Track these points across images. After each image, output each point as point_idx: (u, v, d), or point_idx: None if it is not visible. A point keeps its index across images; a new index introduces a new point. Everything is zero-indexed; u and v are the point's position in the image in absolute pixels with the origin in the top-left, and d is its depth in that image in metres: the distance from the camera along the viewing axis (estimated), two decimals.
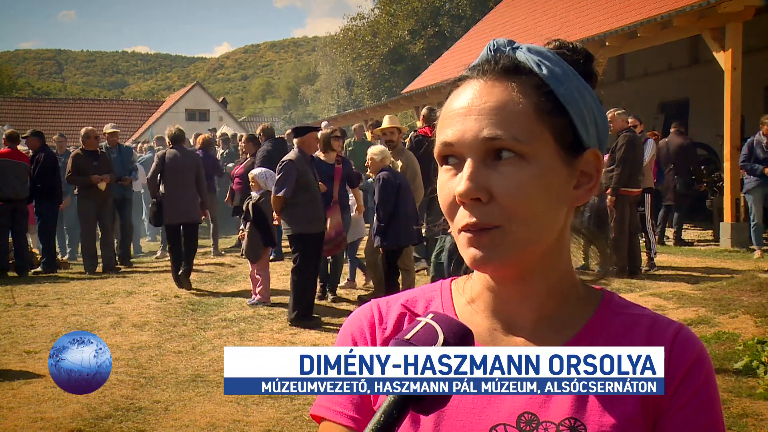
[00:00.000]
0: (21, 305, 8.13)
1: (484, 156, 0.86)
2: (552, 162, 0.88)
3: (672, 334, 0.90)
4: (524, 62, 0.90)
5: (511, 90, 0.88)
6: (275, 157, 10.12)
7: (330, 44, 43.80)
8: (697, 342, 0.91)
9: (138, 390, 5.23)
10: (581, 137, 0.91)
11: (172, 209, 8.70)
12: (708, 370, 0.90)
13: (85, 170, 10.10)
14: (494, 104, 0.87)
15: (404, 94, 19.57)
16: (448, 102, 0.92)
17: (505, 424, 0.88)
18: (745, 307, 6.73)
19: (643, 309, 0.96)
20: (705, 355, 0.91)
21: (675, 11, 10.66)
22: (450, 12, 33.54)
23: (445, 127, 0.90)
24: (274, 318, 7.42)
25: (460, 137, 0.87)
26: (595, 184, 0.93)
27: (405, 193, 6.91)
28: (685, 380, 0.88)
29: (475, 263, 0.88)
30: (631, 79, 17.40)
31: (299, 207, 6.96)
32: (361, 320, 0.99)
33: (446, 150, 0.89)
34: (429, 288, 1.03)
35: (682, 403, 0.87)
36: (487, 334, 0.94)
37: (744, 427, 4.29)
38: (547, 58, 0.91)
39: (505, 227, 0.86)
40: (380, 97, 32.67)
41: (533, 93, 0.88)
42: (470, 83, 0.91)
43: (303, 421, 4.58)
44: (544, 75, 0.89)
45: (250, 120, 51.84)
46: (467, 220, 0.86)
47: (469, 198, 0.86)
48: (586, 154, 0.92)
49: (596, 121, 0.93)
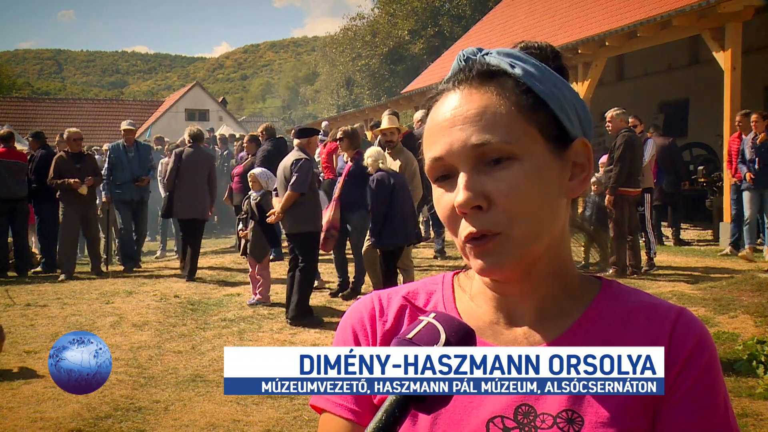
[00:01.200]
0: (21, 305, 8.13)
1: (476, 163, 0.86)
2: (543, 157, 0.88)
3: (672, 320, 0.90)
4: (497, 65, 0.91)
5: (491, 94, 0.88)
6: (275, 157, 10.11)
7: (330, 44, 43.80)
8: (697, 326, 0.91)
9: (138, 390, 5.23)
10: (566, 128, 0.91)
11: (183, 204, 9.29)
12: (710, 355, 0.89)
13: (67, 173, 9.69)
14: (476, 111, 0.88)
15: (404, 94, 19.59)
16: (429, 118, 0.93)
17: (503, 416, 0.88)
18: (745, 307, 6.74)
19: (643, 294, 0.96)
20: (706, 339, 0.90)
21: (675, 11, 10.66)
22: (450, 12, 33.55)
23: (432, 143, 0.90)
24: (274, 318, 7.42)
25: (449, 149, 0.88)
26: (588, 173, 0.94)
27: (400, 194, 6.94)
28: (685, 366, 0.88)
29: (484, 272, 0.88)
30: (631, 79, 17.41)
31: (308, 206, 7.13)
32: (362, 312, 1.00)
33: (437, 165, 0.90)
34: (430, 281, 1.03)
35: (683, 390, 0.87)
36: (488, 327, 0.95)
37: (744, 427, 4.29)
38: (518, 58, 0.92)
39: (507, 232, 0.86)
40: (380, 97, 32.68)
41: (512, 93, 0.89)
42: (448, 96, 0.91)
43: (303, 421, 4.58)
44: (518, 74, 0.90)
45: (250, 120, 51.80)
46: (470, 230, 0.86)
47: (469, 207, 0.86)
48: (575, 144, 0.92)
49: (577, 111, 0.93)
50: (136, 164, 10.48)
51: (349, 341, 0.98)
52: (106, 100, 49.65)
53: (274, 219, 7.26)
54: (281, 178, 7.26)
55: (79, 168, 9.73)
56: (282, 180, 7.24)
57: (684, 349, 0.88)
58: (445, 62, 19.20)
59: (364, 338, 0.98)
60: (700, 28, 10.68)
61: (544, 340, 0.92)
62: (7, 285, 9.37)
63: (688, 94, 15.58)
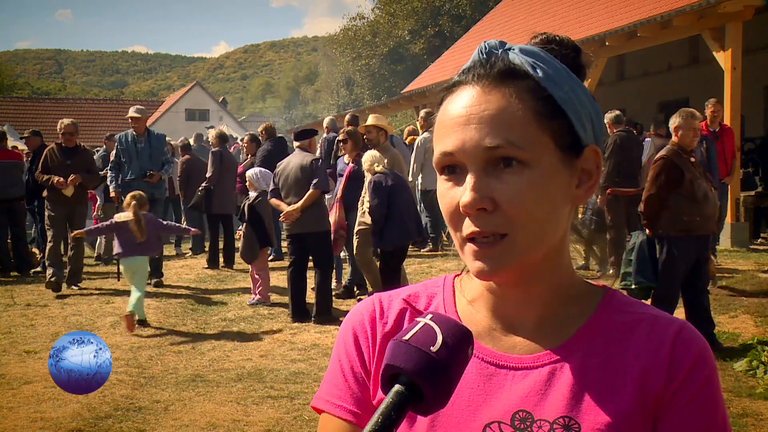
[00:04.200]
0: (21, 305, 8.13)
1: (486, 165, 0.86)
2: (553, 166, 0.88)
3: (673, 333, 0.90)
4: (519, 65, 0.89)
5: (509, 96, 0.87)
6: (276, 157, 10.10)
7: (330, 44, 43.80)
8: (698, 341, 0.90)
9: (138, 390, 5.23)
10: (580, 137, 0.91)
11: (220, 200, 10.22)
12: (710, 371, 0.89)
13: (54, 169, 8.58)
14: (493, 112, 0.87)
15: (404, 94, 19.56)
16: (444, 109, 0.91)
17: (500, 421, 0.88)
18: (745, 307, 6.74)
19: (645, 306, 0.95)
20: (707, 355, 0.90)
21: (675, 11, 10.66)
22: (450, 12, 33.54)
23: (444, 137, 0.89)
24: (274, 318, 7.42)
25: (461, 146, 0.87)
26: (595, 181, 0.93)
27: (399, 193, 6.98)
28: (686, 380, 0.87)
29: (482, 275, 0.88)
30: (631, 79, 17.41)
31: (322, 206, 7.28)
32: (362, 314, 1.00)
33: (446, 159, 0.89)
34: (432, 283, 1.03)
35: (682, 403, 0.87)
36: (486, 333, 0.94)
37: (744, 427, 4.29)
38: (541, 59, 0.90)
39: (510, 235, 0.86)
40: (380, 96, 32.66)
41: (530, 97, 0.88)
42: (465, 89, 0.90)
43: (303, 421, 4.58)
44: (540, 78, 0.89)
45: (250, 120, 51.83)
46: (472, 228, 0.86)
47: (474, 209, 0.85)
48: (586, 151, 0.92)
49: (591, 117, 0.92)
50: (146, 157, 8.93)
51: (349, 343, 0.98)
52: (106, 100, 49.63)
53: (291, 218, 7.06)
54: (296, 178, 7.15)
55: (69, 164, 8.57)
56: (298, 180, 7.12)
57: (684, 364, 0.88)
58: (445, 62, 19.19)
59: (364, 340, 0.98)
60: (700, 28, 10.68)
61: (544, 348, 0.92)
62: (7, 285, 9.38)
63: (688, 94, 15.56)
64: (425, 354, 0.74)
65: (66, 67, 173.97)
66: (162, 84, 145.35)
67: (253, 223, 7.76)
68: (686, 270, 5.67)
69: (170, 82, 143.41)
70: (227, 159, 10.52)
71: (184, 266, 10.94)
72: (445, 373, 0.74)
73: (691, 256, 5.66)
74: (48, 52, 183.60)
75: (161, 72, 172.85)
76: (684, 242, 5.62)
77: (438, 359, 0.74)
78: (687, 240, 5.62)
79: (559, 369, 0.89)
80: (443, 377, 0.74)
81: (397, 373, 0.74)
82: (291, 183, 7.19)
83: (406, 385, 0.73)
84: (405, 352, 0.74)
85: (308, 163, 7.14)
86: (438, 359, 0.74)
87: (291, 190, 7.17)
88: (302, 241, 7.18)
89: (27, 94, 56.06)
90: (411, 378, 0.73)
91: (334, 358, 1.00)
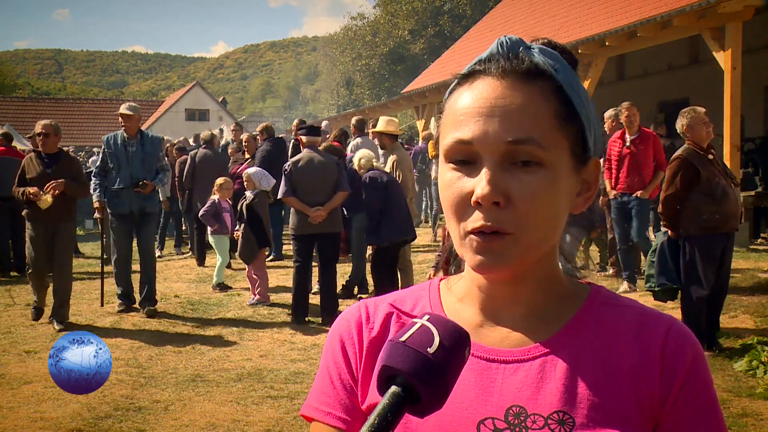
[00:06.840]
0: (21, 305, 8.14)
1: (503, 159, 0.85)
2: (566, 170, 0.88)
3: (664, 329, 0.90)
4: (544, 66, 0.89)
5: (535, 94, 0.87)
6: (275, 157, 10.08)
7: (330, 44, 43.80)
8: (690, 337, 0.91)
9: (138, 390, 5.23)
10: (588, 146, 0.91)
11: (201, 200, 9.99)
12: (705, 367, 0.90)
13: (32, 180, 7.00)
14: (519, 106, 0.85)
15: (404, 94, 19.56)
16: (459, 96, 0.90)
17: (494, 417, 0.88)
18: (745, 307, 6.74)
19: (631, 301, 0.96)
20: (700, 351, 0.90)
21: (675, 11, 10.65)
22: (450, 12, 33.55)
23: (461, 124, 0.87)
24: (274, 317, 7.42)
25: (482, 137, 0.85)
26: (593, 193, 0.94)
27: (393, 191, 7.01)
28: (687, 381, 0.87)
29: (481, 268, 0.87)
30: (631, 79, 17.41)
31: (337, 207, 7.26)
32: (349, 321, 1.00)
33: (461, 148, 0.87)
34: (418, 288, 1.03)
35: (686, 404, 0.87)
36: (474, 329, 0.94)
37: (744, 427, 4.29)
38: (560, 63, 0.90)
39: (517, 234, 0.86)
40: (380, 96, 32.67)
41: (553, 99, 0.87)
42: (487, 80, 0.88)
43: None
44: (563, 81, 0.89)
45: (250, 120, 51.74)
46: (481, 222, 0.85)
47: (489, 201, 0.84)
48: (590, 162, 0.92)
49: (594, 128, 0.93)
50: (138, 163, 7.36)
51: (336, 350, 0.98)
52: (106, 100, 49.58)
53: (319, 219, 6.93)
54: (321, 179, 7.01)
55: (49, 173, 6.96)
56: (323, 180, 7.03)
57: (684, 363, 0.88)
58: (445, 62, 19.18)
59: (351, 346, 0.97)
60: (700, 28, 10.68)
61: (533, 341, 0.92)
62: (8, 285, 9.38)
63: (688, 94, 15.56)
64: (422, 355, 0.73)
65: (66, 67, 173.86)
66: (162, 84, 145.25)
67: (251, 223, 7.75)
68: (713, 269, 5.63)
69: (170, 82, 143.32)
70: (208, 158, 10.68)
71: (184, 266, 10.95)
72: (442, 374, 0.73)
73: (714, 254, 5.62)
74: (48, 52, 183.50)
75: (161, 72, 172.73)
76: (706, 240, 5.59)
77: (435, 361, 0.73)
78: (709, 238, 5.59)
79: (549, 362, 0.89)
80: (440, 379, 0.73)
81: (394, 375, 0.73)
82: (316, 183, 7.00)
83: (402, 386, 0.73)
84: (402, 353, 0.74)
85: (335, 164, 7.17)
86: (435, 361, 0.73)
87: (314, 190, 7.00)
88: (313, 241, 7.15)
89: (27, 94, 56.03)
90: (407, 379, 0.72)
91: (322, 366, 0.99)
